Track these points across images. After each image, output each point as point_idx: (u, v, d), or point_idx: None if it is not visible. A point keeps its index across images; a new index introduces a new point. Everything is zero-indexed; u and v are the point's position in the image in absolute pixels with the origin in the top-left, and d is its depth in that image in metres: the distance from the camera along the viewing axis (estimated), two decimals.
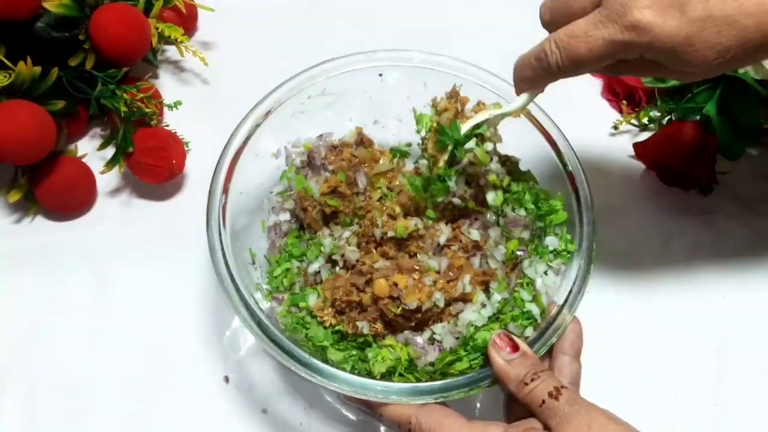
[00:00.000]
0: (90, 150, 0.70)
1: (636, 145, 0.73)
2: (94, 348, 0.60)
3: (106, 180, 0.69)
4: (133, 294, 0.63)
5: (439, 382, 0.44)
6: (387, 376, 0.49)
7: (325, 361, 0.47)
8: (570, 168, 0.56)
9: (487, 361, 0.47)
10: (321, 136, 0.59)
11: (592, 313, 0.52)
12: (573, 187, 0.55)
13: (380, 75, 0.60)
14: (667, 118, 0.75)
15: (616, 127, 0.76)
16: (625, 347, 0.62)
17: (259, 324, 0.45)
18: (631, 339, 0.63)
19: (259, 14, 0.84)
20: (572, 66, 0.44)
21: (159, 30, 0.71)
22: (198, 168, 0.70)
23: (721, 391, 0.61)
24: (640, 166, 0.74)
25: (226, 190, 0.52)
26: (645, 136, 0.75)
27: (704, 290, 0.66)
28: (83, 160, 0.68)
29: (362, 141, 0.59)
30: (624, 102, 0.76)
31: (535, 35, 0.48)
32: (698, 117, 0.71)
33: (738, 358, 0.63)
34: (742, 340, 0.63)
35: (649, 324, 0.64)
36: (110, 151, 0.68)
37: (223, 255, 0.49)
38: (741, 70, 0.67)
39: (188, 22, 0.78)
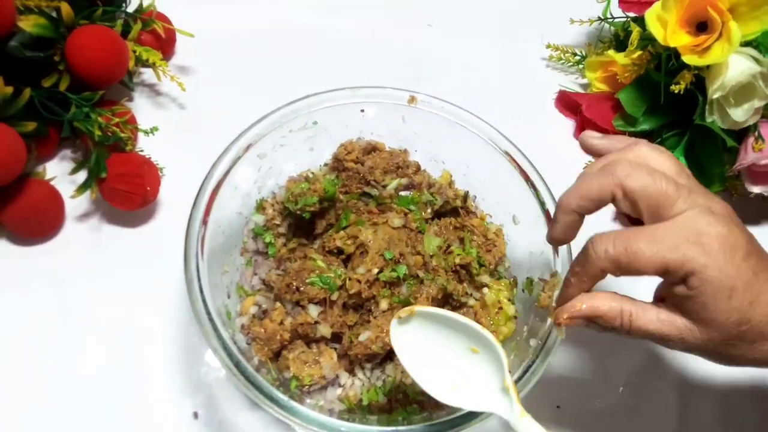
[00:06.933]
0: (59, 173, 0.68)
1: None
2: (55, 379, 0.58)
3: (75, 204, 0.67)
4: (99, 323, 0.61)
5: (420, 425, 0.44)
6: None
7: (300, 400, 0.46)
8: (547, 207, 0.58)
9: None
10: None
11: None
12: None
13: (362, 111, 0.61)
14: None
15: None
16: None
17: (237, 365, 0.44)
18: None
19: (237, 41, 0.84)
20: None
21: (136, 53, 0.70)
22: (171, 194, 0.69)
23: None
24: (610, 206, 0.75)
25: (205, 222, 0.51)
26: None
27: None
28: (52, 183, 0.66)
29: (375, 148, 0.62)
30: None
31: (509, 75, 0.49)
32: None
33: None
34: None
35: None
36: (81, 176, 0.66)
37: (200, 290, 0.48)
38: (708, 119, 0.69)
39: (166, 46, 0.77)
